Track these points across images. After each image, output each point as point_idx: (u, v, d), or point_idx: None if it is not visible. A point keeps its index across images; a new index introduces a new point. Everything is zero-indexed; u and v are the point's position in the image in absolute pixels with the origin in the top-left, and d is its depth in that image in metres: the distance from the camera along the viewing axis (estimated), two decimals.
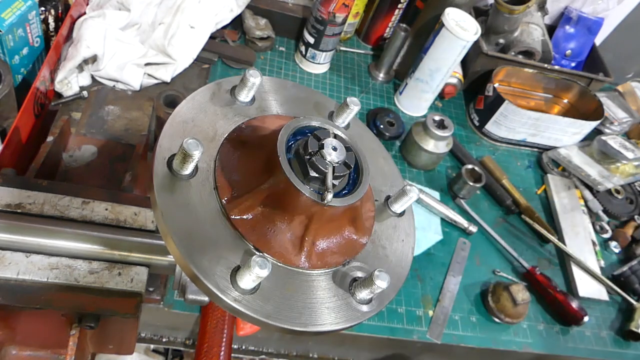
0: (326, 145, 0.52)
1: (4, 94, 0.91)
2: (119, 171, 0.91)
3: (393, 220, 0.63)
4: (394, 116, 1.35)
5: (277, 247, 0.52)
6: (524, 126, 1.39)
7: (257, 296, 0.49)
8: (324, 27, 1.28)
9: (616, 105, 1.60)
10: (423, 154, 1.26)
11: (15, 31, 0.97)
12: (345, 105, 0.62)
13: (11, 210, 0.63)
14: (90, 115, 1.07)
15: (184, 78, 1.22)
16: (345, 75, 1.45)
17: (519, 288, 1.06)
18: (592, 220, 1.35)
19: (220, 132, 0.58)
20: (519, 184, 1.36)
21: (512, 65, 1.45)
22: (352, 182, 0.56)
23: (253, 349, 1.10)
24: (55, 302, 0.58)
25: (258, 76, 0.59)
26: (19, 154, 0.92)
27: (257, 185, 0.52)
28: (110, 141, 0.98)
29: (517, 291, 1.05)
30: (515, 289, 1.05)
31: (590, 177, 1.38)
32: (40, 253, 0.60)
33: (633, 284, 1.23)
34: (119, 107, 1.11)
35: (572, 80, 1.50)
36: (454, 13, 1.23)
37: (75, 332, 0.60)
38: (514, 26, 1.43)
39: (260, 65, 1.36)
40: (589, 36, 1.60)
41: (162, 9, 1.21)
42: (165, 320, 1.00)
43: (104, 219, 0.66)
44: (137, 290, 0.61)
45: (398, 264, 0.60)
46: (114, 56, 1.12)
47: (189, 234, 0.49)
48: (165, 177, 0.51)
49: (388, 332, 1.02)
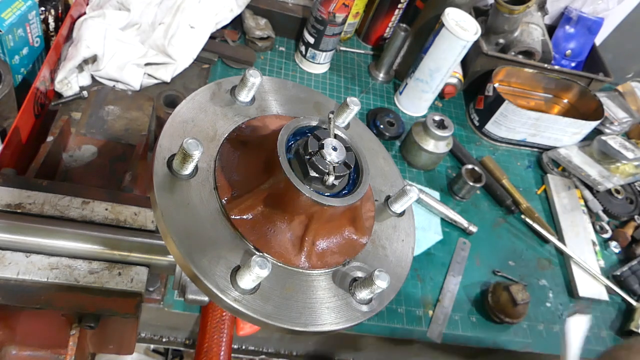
0: (326, 145, 0.52)
1: (4, 94, 0.91)
2: (119, 171, 0.91)
3: (393, 220, 0.63)
4: (394, 116, 1.35)
5: (277, 247, 0.52)
6: (524, 126, 1.39)
7: (257, 296, 0.49)
8: (324, 27, 1.28)
9: (616, 105, 1.60)
10: (423, 154, 1.26)
11: (15, 31, 0.97)
12: (345, 105, 0.62)
13: (11, 210, 0.62)
14: (90, 115, 1.07)
15: (184, 78, 1.22)
16: (345, 75, 1.45)
17: (519, 288, 1.06)
18: (592, 220, 1.35)
19: (220, 132, 0.58)
20: (519, 184, 1.36)
21: (512, 65, 1.45)
22: (352, 182, 0.56)
23: (253, 349, 1.10)
24: (55, 302, 0.58)
25: (258, 76, 0.59)
26: (19, 154, 0.92)
27: (257, 185, 0.52)
28: (110, 141, 0.98)
29: (517, 291, 1.05)
30: (515, 289, 1.05)
31: (590, 177, 1.38)
32: (40, 253, 0.60)
33: (633, 284, 1.23)
34: (119, 107, 1.10)
35: (572, 80, 1.50)
36: (454, 13, 1.23)
37: (75, 332, 0.60)
38: (514, 26, 1.43)
39: (260, 65, 1.36)
40: (589, 36, 1.60)
41: (162, 9, 1.21)
42: (165, 320, 1.00)
43: (104, 219, 0.66)
44: (137, 290, 0.61)
45: (398, 264, 0.60)
46: (114, 56, 1.12)
47: (189, 234, 0.49)
48: (165, 177, 0.51)
49: (388, 332, 1.02)
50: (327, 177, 0.51)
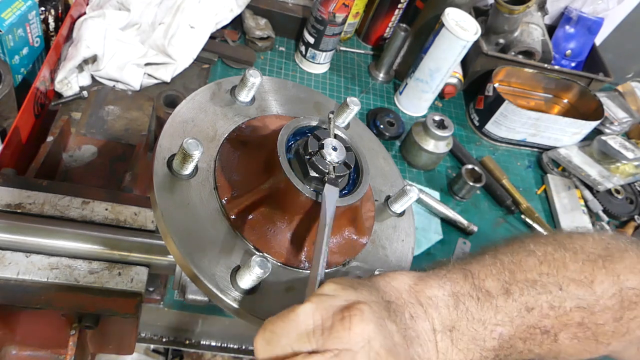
0: (326, 145, 0.52)
1: (4, 94, 0.91)
2: (119, 171, 0.91)
3: (393, 220, 0.63)
4: (394, 116, 1.35)
5: (277, 247, 0.52)
6: (524, 126, 1.39)
7: (257, 296, 0.49)
8: (324, 27, 1.28)
9: (616, 105, 1.60)
10: (423, 154, 1.26)
11: (15, 31, 0.97)
12: (345, 105, 0.62)
13: (11, 210, 0.62)
14: (90, 115, 1.07)
15: (184, 78, 1.22)
16: (345, 75, 1.45)
17: None
18: (592, 220, 1.35)
19: (220, 132, 0.58)
20: (519, 184, 1.36)
21: (512, 65, 1.45)
22: (352, 182, 0.56)
23: (253, 349, 1.10)
24: (55, 302, 0.58)
25: (258, 76, 0.59)
26: (19, 154, 0.92)
27: (257, 185, 0.52)
28: (110, 141, 0.98)
29: None
30: None
31: (590, 177, 1.38)
32: (40, 253, 0.60)
33: None
34: (119, 107, 1.11)
35: (572, 80, 1.50)
36: (454, 13, 1.23)
37: (75, 332, 0.60)
38: (514, 26, 1.43)
39: (260, 65, 1.36)
40: (589, 36, 1.60)
41: (162, 9, 1.21)
42: (165, 320, 1.00)
43: (104, 219, 0.65)
44: (137, 290, 0.61)
45: (398, 264, 0.60)
46: (114, 56, 1.12)
47: (189, 234, 0.49)
48: (165, 177, 0.51)
49: None
50: (327, 177, 0.51)
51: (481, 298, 0.47)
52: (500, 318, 0.47)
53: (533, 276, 0.49)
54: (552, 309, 0.49)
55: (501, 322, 0.47)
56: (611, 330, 0.51)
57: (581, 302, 0.50)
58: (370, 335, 0.38)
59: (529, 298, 0.48)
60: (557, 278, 0.50)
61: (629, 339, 0.53)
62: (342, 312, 0.39)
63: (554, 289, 0.49)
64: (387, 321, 0.41)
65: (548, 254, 0.51)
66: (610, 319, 0.51)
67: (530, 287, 0.49)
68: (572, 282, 0.50)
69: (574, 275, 0.50)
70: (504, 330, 0.47)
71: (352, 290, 0.42)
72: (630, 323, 0.52)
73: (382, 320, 0.41)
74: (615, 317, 0.51)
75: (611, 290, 0.51)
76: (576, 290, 0.50)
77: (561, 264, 0.51)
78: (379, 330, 0.39)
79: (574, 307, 0.49)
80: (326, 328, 0.38)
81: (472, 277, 0.48)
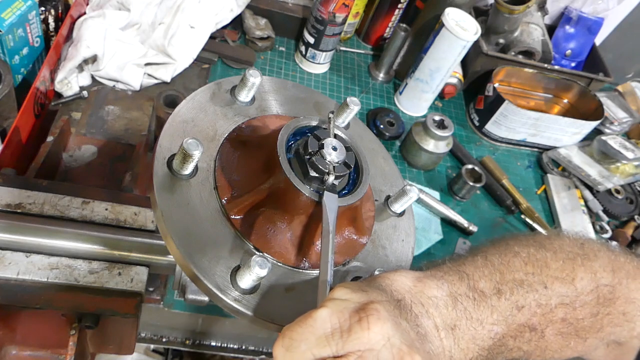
0: (326, 145, 0.52)
1: (4, 94, 0.91)
2: (119, 171, 0.91)
3: (393, 220, 0.63)
4: (394, 116, 1.35)
5: (277, 247, 0.52)
6: (524, 126, 1.39)
7: (257, 296, 0.49)
8: (324, 27, 1.28)
9: (616, 105, 1.60)
10: (423, 154, 1.26)
11: (15, 31, 0.97)
12: (345, 105, 0.62)
13: (11, 210, 0.63)
14: (90, 115, 1.07)
15: (184, 78, 1.22)
16: (345, 75, 1.45)
17: None
18: (592, 220, 1.35)
19: (220, 132, 0.58)
20: (519, 184, 1.36)
21: (512, 65, 1.45)
22: (352, 182, 0.56)
23: (253, 349, 1.10)
24: (55, 302, 0.58)
25: (258, 76, 0.59)
26: (19, 154, 0.92)
27: (257, 185, 0.52)
28: (110, 141, 0.98)
29: None
30: None
31: (590, 177, 1.38)
32: (40, 253, 0.60)
33: None
34: (119, 107, 1.11)
35: (572, 80, 1.50)
36: (454, 13, 1.23)
37: (75, 332, 0.60)
38: (514, 26, 1.43)
39: (260, 65, 1.36)
40: (589, 36, 1.60)
41: (162, 9, 1.21)
42: (165, 320, 1.00)
43: (104, 219, 0.66)
44: (137, 290, 0.61)
45: (398, 264, 0.60)
46: (114, 56, 1.12)
47: (189, 234, 0.49)
48: (165, 177, 0.51)
49: None
50: (327, 177, 0.51)
51: (477, 298, 0.48)
52: (496, 317, 0.48)
53: (520, 276, 0.51)
54: (539, 307, 0.51)
55: (497, 322, 0.48)
56: (589, 326, 0.54)
57: (564, 298, 0.52)
58: (389, 332, 0.39)
59: (519, 297, 0.50)
60: (542, 277, 0.52)
61: (602, 335, 0.56)
62: (359, 314, 0.39)
63: (539, 288, 0.51)
64: (400, 319, 0.42)
65: (531, 255, 0.53)
66: (588, 314, 0.53)
67: (518, 286, 0.50)
68: (556, 280, 0.52)
69: (557, 273, 0.53)
70: (499, 329, 0.49)
71: (363, 292, 0.42)
72: (604, 319, 0.54)
73: (396, 318, 0.41)
74: (593, 312, 0.54)
75: (589, 286, 0.53)
76: (560, 287, 0.52)
77: (544, 263, 0.53)
78: (397, 328, 0.40)
79: (558, 303, 0.52)
80: (344, 330, 0.39)
81: (467, 278, 0.50)
